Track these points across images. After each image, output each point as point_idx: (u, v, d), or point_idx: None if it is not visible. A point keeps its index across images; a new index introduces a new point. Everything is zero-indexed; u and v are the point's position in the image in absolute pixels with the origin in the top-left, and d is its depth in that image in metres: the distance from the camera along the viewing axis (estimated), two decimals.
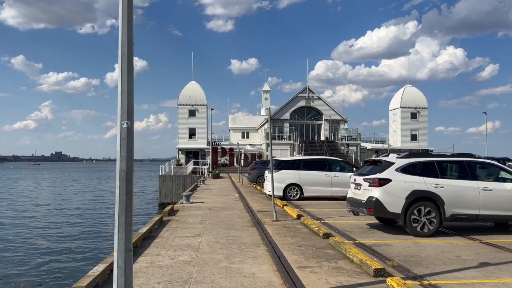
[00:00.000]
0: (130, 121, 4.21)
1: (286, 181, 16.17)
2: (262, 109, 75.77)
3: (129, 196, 4.16)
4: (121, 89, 4.18)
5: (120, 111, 4.19)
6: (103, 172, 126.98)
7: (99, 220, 26.93)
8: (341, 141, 57.31)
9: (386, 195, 8.80)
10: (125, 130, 4.17)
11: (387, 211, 8.77)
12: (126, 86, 4.18)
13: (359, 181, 9.57)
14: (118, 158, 4.18)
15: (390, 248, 7.52)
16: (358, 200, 9.41)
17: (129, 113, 4.21)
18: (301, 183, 16.16)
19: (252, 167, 25.96)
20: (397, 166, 9.13)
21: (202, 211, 12.96)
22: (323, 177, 16.12)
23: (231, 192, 20.52)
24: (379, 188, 8.86)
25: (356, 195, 9.62)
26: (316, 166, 16.61)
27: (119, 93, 4.18)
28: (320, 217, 11.63)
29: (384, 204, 8.75)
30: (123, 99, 4.18)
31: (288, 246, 7.57)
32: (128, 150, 4.20)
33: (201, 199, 16.75)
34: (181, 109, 58.21)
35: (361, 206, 9.19)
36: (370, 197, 8.92)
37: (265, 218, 11.20)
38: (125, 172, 4.15)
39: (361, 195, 9.35)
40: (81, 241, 19.82)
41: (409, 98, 63.52)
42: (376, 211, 8.95)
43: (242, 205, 14.88)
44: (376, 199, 8.78)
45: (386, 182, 8.89)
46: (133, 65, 4.35)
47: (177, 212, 12.69)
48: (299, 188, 16.20)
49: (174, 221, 10.74)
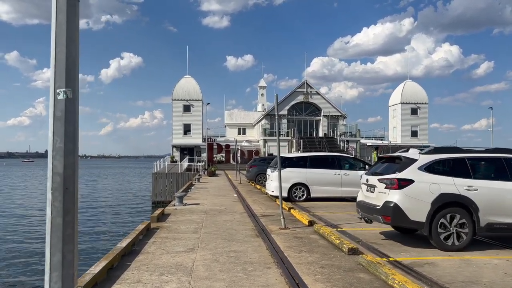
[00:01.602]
0: (72, 89, 2.49)
1: (291, 181, 14.50)
2: (259, 105, 74.04)
3: (70, 218, 2.46)
4: (56, 32, 2.47)
5: (53, 71, 2.48)
6: (98, 169, 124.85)
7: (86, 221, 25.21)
8: (341, 138, 55.71)
9: (408, 199, 7.15)
10: (62, 104, 2.46)
11: (408, 220, 7.13)
12: (64, 28, 2.46)
13: (372, 182, 7.91)
14: (51, 152, 2.46)
15: (437, 269, 5.87)
16: (371, 205, 7.75)
17: (69, 76, 2.49)
18: (307, 182, 14.49)
19: (251, 164, 24.26)
20: (421, 164, 7.48)
21: (197, 215, 11.26)
22: (332, 176, 14.46)
23: (228, 192, 18.83)
24: (399, 191, 7.21)
25: (369, 199, 7.96)
26: (324, 163, 14.94)
27: (52, 40, 2.47)
28: (335, 223, 9.98)
29: (404, 210, 7.10)
30: (59, 51, 2.47)
31: (308, 268, 5.89)
32: (68, 137, 2.48)
33: (196, 200, 15.05)
34: (175, 104, 56.31)
35: (376, 213, 7.52)
36: (387, 202, 7.27)
37: (271, 225, 9.52)
38: (62, 177, 2.43)
39: (376, 199, 7.69)
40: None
41: (410, 94, 61.99)
42: (395, 219, 7.29)
43: (242, 207, 13.20)
44: (395, 205, 7.13)
45: (408, 183, 7.24)
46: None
47: (168, 216, 10.98)
48: (305, 188, 14.55)
49: (164, 229, 9.04)
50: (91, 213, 28.21)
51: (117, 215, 28.05)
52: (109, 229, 22.06)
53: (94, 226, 22.71)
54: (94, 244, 17.96)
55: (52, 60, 2.38)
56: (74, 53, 2.41)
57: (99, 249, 16.48)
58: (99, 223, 24.14)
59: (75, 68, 2.42)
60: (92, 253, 15.68)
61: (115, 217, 26.93)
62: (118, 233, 20.32)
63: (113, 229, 22.11)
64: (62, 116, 2.36)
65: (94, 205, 33.43)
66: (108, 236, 19.80)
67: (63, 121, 2.36)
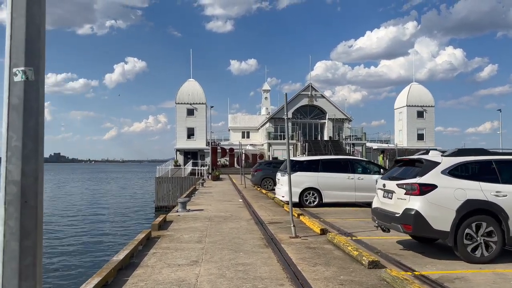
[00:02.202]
0: (34, 68, 1.88)
1: (302, 185, 13.82)
2: (263, 108, 73.51)
3: (30, 243, 1.85)
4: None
5: (9, 44, 1.88)
6: (101, 173, 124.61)
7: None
8: (346, 141, 55.00)
9: (430, 206, 6.51)
10: (20, 88, 1.84)
11: (431, 229, 6.47)
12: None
13: (390, 187, 7.26)
14: (4, 153, 1.85)
15: (470, 285, 5.22)
16: (389, 212, 7.09)
17: (30, 50, 1.89)
18: (320, 187, 13.82)
19: (256, 168, 23.63)
20: (444, 167, 6.83)
21: (201, 222, 10.64)
22: (345, 180, 13.79)
23: (233, 197, 18.20)
24: (421, 198, 6.56)
25: (387, 206, 7.30)
26: (337, 167, 14.27)
27: (7, 2, 1.87)
28: (348, 231, 9.33)
29: (427, 219, 6.45)
30: (16, 16, 1.87)
31: (325, 284, 5.25)
32: (28, 133, 1.87)
33: (200, 206, 14.43)
34: (179, 108, 55.82)
35: (395, 221, 6.87)
36: (408, 209, 6.62)
37: (280, 234, 8.89)
38: (20, 186, 1.82)
39: (394, 206, 7.04)
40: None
41: (416, 96, 61.24)
42: (417, 229, 6.62)
43: (248, 213, 12.57)
44: (416, 213, 6.48)
45: (430, 188, 6.60)
46: None
47: (171, 224, 10.36)
48: (317, 193, 13.87)
49: (166, 238, 8.42)
50: (91, 220, 27.36)
51: (119, 221, 27.16)
52: (109, 237, 21.08)
53: (93, 235, 21.64)
54: (90, 256, 16.80)
55: (7, 29, 1.78)
56: (38, 19, 1.79)
57: (96, 262, 15.42)
58: (99, 231, 23.11)
59: (40, 40, 1.80)
60: (88, 266, 14.72)
61: (116, 224, 26.03)
62: (117, 242, 19.45)
63: (113, 237, 21.17)
64: (20, 105, 1.74)
65: (94, 211, 32.67)
66: (107, 246, 18.85)
67: (21, 111, 1.74)
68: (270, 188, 22.05)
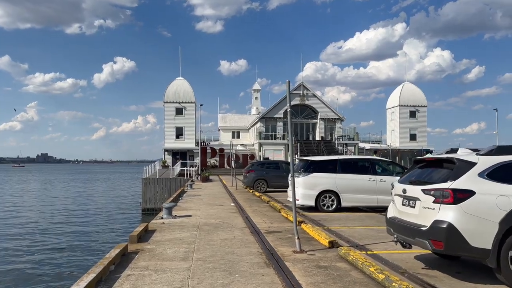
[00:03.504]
0: None
1: (318, 187, 12.51)
2: (253, 108, 72.24)
3: None
4: None
5: None
6: (88, 174, 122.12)
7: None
8: (338, 141, 53.98)
9: (467, 218, 5.20)
10: None
11: (468, 247, 5.15)
12: None
13: (413, 193, 5.92)
14: None
15: None
16: (412, 224, 5.76)
17: None
18: (338, 189, 12.49)
19: (248, 169, 22.24)
20: (482, 169, 5.52)
21: (188, 232, 9.25)
22: (366, 182, 12.47)
23: (224, 200, 16.81)
24: (455, 207, 5.24)
25: (408, 216, 5.97)
26: (357, 168, 13.01)
27: None
28: (359, 242, 8.02)
29: (463, 234, 5.13)
30: None
31: None
32: None
33: (188, 211, 13.03)
34: (167, 107, 54.20)
35: (420, 236, 5.53)
36: (438, 221, 5.29)
37: (281, 247, 7.54)
38: None
39: (419, 216, 5.71)
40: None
41: (408, 96, 60.45)
42: (450, 246, 5.25)
43: (242, 220, 11.20)
44: (449, 226, 5.17)
45: (467, 195, 5.28)
46: None
47: (153, 234, 8.96)
48: (335, 196, 12.53)
49: (145, 254, 7.02)
50: (68, 226, 24.74)
51: (99, 227, 24.93)
52: (85, 248, 18.63)
53: (66, 244, 19.15)
54: (51, 274, 14.11)
55: None
56: None
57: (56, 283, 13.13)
58: (74, 240, 20.55)
59: None
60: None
61: (96, 230, 23.64)
62: (93, 253, 17.14)
63: (90, 247, 18.69)
64: None
65: (75, 214, 30.60)
66: (79, 259, 16.29)
67: None
68: (263, 190, 20.73)
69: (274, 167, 22.40)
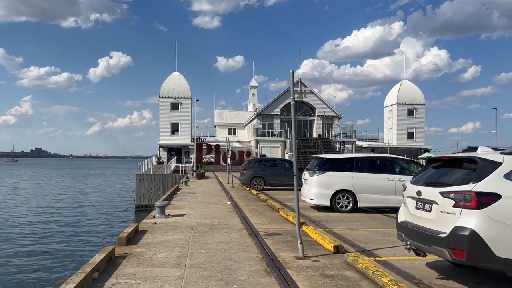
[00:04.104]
0: None
1: (334, 187, 11.93)
2: (250, 104, 71.62)
3: None
4: None
5: None
6: (82, 170, 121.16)
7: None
8: (336, 139, 53.44)
9: (492, 225, 4.64)
10: None
11: (494, 257, 4.58)
12: None
13: (429, 196, 5.34)
14: None
15: None
16: (428, 231, 5.17)
17: None
18: (355, 189, 11.90)
19: (245, 167, 21.62)
20: (508, 170, 4.94)
21: (181, 233, 8.64)
22: (384, 181, 11.87)
23: (220, 199, 16.21)
24: (479, 212, 4.68)
25: (423, 221, 5.39)
26: (374, 166, 12.42)
27: None
28: (366, 247, 7.45)
29: (488, 243, 4.57)
30: None
31: None
32: None
33: (182, 210, 12.43)
34: (163, 102, 53.44)
35: (437, 244, 4.95)
36: (459, 228, 4.73)
37: (282, 252, 6.95)
38: None
39: (436, 222, 5.13)
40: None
41: (406, 94, 60.05)
42: (473, 256, 4.66)
43: (239, 220, 10.60)
44: (472, 234, 4.61)
45: (492, 199, 4.71)
46: None
47: (144, 235, 8.34)
48: (351, 196, 11.94)
49: (134, 259, 6.41)
50: (53, 226, 23.03)
51: (89, 226, 23.93)
52: (70, 250, 16.99)
53: (48, 248, 17.31)
54: (29, 283, 12.74)
55: None
56: None
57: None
58: (60, 240, 19.09)
59: None
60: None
61: (85, 229, 22.44)
62: (79, 256, 15.62)
63: (76, 250, 17.11)
64: None
65: (62, 212, 29.39)
66: (62, 264, 14.68)
67: None
68: (261, 188, 20.14)
69: (271, 165, 21.82)
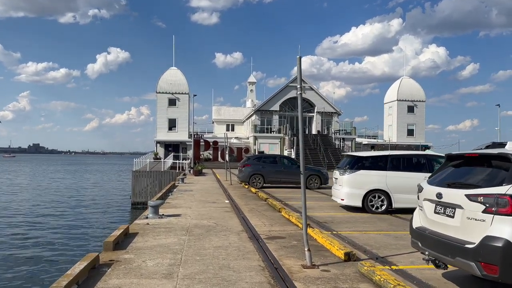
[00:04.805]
0: None
1: (366, 186, 11.23)
2: (248, 101, 70.84)
3: None
4: None
5: None
6: (79, 166, 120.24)
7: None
8: (335, 135, 52.76)
9: None
10: None
11: None
12: None
13: (452, 199, 4.61)
14: None
15: None
16: (451, 239, 4.46)
17: None
18: (389, 189, 11.18)
19: (244, 163, 20.88)
20: None
21: (175, 237, 7.91)
22: (421, 181, 11.14)
23: (218, 197, 15.48)
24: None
25: (444, 228, 4.67)
26: (410, 164, 11.69)
27: None
28: (378, 252, 6.74)
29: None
30: None
31: None
32: None
33: (177, 209, 11.70)
34: (160, 97, 52.61)
35: (463, 256, 4.24)
36: (491, 238, 4.04)
37: (287, 259, 6.23)
38: None
39: (461, 230, 4.41)
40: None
41: (406, 91, 59.35)
42: (508, 272, 3.94)
43: (237, 221, 9.88)
44: (507, 245, 3.93)
45: None
46: None
47: (134, 239, 7.61)
48: (386, 196, 11.21)
49: (120, 267, 5.68)
50: (41, 227, 21.35)
51: (80, 226, 22.61)
52: (55, 255, 15.33)
53: (31, 254, 15.50)
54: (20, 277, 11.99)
55: None
56: None
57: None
58: (46, 243, 17.40)
59: None
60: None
61: (77, 229, 21.22)
62: (66, 260, 14.06)
63: (60, 255, 15.45)
64: None
65: (53, 210, 28.06)
66: (43, 273, 13.12)
67: None
68: (260, 186, 19.43)
69: (271, 162, 21.09)
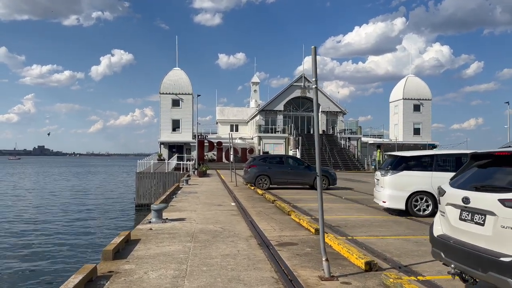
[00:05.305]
0: None
1: (410, 188, 10.63)
2: (252, 101, 70.28)
3: None
4: None
5: None
6: (83, 168, 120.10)
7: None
8: (341, 135, 52.12)
9: None
10: None
11: None
12: None
13: (482, 204, 4.04)
14: None
15: None
16: (481, 251, 3.89)
17: None
18: (435, 191, 10.65)
19: (249, 164, 20.33)
20: None
21: (179, 243, 7.39)
22: None
23: (224, 199, 14.96)
24: None
25: (472, 238, 4.09)
26: (460, 164, 11.01)
27: None
28: (400, 260, 6.19)
29: None
30: None
31: None
32: None
33: (182, 213, 11.19)
34: (163, 98, 52.12)
35: (497, 270, 3.64)
36: None
37: (302, 270, 5.69)
38: None
39: (493, 240, 3.83)
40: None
41: (412, 89, 58.59)
42: None
43: (245, 226, 9.35)
44: None
45: None
46: None
47: (136, 246, 7.09)
48: (431, 198, 10.59)
49: (119, 281, 5.16)
50: (41, 232, 20.61)
51: (89, 225, 22.76)
52: (57, 262, 14.73)
53: (34, 259, 15.00)
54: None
55: None
56: None
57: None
58: (50, 249, 16.80)
59: None
60: None
61: (83, 229, 21.25)
62: (64, 269, 13.33)
63: (63, 261, 14.88)
64: None
65: (56, 213, 27.66)
66: (54, 270, 13.22)
67: None
68: (266, 187, 18.89)
69: (277, 162, 20.54)
